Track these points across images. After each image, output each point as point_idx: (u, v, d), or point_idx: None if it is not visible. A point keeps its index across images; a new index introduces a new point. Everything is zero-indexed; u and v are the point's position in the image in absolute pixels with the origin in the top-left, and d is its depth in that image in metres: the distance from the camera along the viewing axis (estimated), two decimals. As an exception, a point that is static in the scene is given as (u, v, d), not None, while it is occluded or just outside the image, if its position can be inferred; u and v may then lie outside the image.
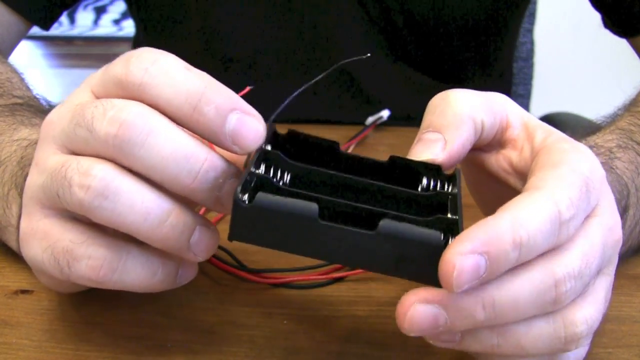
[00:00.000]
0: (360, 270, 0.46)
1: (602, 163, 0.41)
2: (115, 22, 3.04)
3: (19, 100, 0.51)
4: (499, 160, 0.39)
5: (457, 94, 0.37)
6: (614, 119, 0.52)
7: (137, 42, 0.87)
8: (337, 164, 0.37)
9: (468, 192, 0.42)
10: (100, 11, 3.12)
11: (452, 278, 0.30)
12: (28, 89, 0.56)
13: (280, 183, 0.35)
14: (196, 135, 0.34)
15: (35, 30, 0.73)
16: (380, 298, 0.44)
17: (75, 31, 3.01)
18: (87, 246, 0.34)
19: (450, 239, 0.32)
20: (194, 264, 0.37)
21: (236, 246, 0.47)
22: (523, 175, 0.37)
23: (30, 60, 2.87)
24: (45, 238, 0.35)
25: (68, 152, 0.34)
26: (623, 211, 0.42)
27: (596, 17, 0.72)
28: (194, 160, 0.33)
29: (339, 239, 0.31)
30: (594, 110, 0.57)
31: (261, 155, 0.35)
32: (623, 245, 0.43)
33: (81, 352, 0.39)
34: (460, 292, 0.31)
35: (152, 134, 0.32)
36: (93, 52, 2.92)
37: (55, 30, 3.03)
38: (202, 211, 0.44)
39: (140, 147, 0.32)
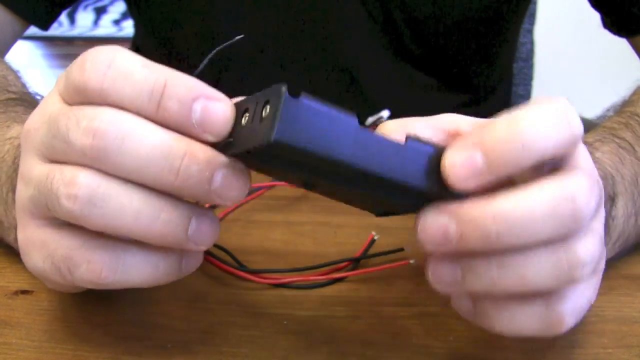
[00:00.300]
0: (361, 271, 0.46)
1: None
2: (115, 23, 3.04)
3: (13, 96, 0.51)
4: None
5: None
6: (601, 119, 0.52)
7: (136, 42, 0.87)
8: None
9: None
10: (100, 11, 3.12)
11: (449, 171, 0.31)
12: (23, 85, 0.56)
13: None
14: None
15: (35, 30, 0.73)
16: (381, 299, 0.44)
17: (76, 31, 3.02)
18: (85, 251, 0.34)
19: None
20: (198, 252, 0.37)
21: (236, 246, 0.47)
22: None
23: (30, 60, 2.87)
24: (43, 248, 0.35)
25: (50, 161, 0.34)
26: (611, 199, 0.42)
27: (596, 17, 0.72)
28: (172, 156, 0.32)
29: (373, 144, 0.32)
30: (593, 110, 0.57)
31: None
32: (619, 237, 0.43)
33: (81, 352, 0.39)
34: (466, 190, 0.31)
35: (126, 139, 0.32)
36: (93, 52, 2.92)
37: (55, 30, 3.03)
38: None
39: (117, 154, 0.32)
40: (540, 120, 0.31)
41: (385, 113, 0.68)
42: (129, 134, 0.32)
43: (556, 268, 0.33)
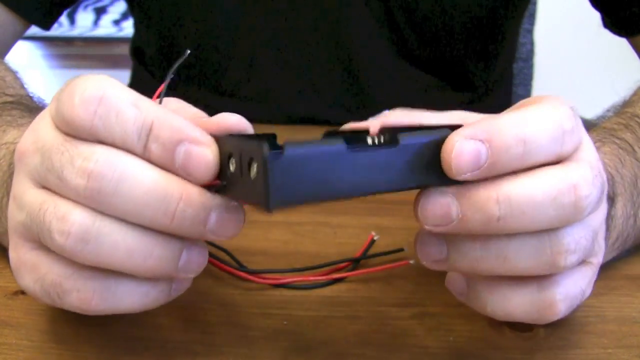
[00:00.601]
0: (361, 271, 0.46)
1: None
2: (115, 23, 3.04)
3: (10, 99, 0.51)
4: None
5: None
6: (601, 120, 0.52)
7: (136, 41, 0.87)
8: None
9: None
10: (100, 12, 3.12)
11: (452, 160, 0.31)
12: (22, 87, 0.56)
13: None
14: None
15: (35, 30, 0.73)
16: (381, 299, 0.44)
17: (75, 32, 3.02)
18: (75, 279, 0.34)
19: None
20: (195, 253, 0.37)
21: (236, 246, 0.47)
22: None
23: (30, 60, 2.87)
24: (33, 271, 0.35)
25: (43, 187, 0.34)
26: (611, 199, 0.42)
27: (596, 17, 0.72)
28: (167, 200, 0.32)
29: (369, 164, 0.31)
30: (593, 110, 0.57)
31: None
32: (618, 237, 0.43)
33: (81, 352, 0.39)
34: (467, 179, 0.31)
35: (121, 181, 0.32)
36: (93, 52, 2.92)
37: (55, 30, 3.03)
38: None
39: (112, 196, 0.32)
40: (545, 124, 0.32)
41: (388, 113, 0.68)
42: (124, 176, 0.32)
43: (539, 253, 0.33)
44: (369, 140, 0.33)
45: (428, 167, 0.32)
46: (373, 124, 0.38)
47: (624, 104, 0.54)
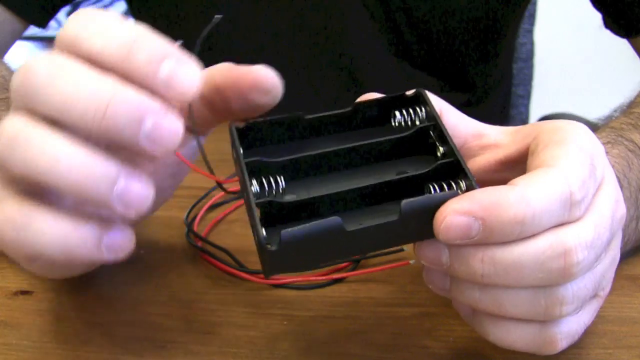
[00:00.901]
0: (361, 271, 0.46)
1: None
2: (115, 23, 3.04)
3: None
4: (483, 164, 0.39)
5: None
6: (608, 120, 0.52)
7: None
8: (304, 131, 0.37)
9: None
10: (100, 12, 3.11)
11: (440, 231, 0.31)
12: None
13: (280, 189, 0.34)
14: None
15: (35, 30, 0.73)
16: (380, 298, 0.44)
17: (75, 32, 3.01)
18: None
19: (462, 184, 0.33)
20: (124, 230, 0.34)
21: (236, 246, 0.47)
22: (514, 164, 0.37)
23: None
24: None
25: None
26: None
27: (596, 17, 0.72)
28: (99, 95, 0.30)
29: (367, 235, 0.32)
30: (593, 110, 0.57)
31: (248, 169, 0.34)
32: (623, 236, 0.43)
33: (81, 353, 0.39)
34: (456, 245, 0.31)
35: (53, 77, 0.31)
36: (93, 52, 2.92)
37: (55, 30, 3.03)
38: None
39: (43, 92, 0.31)
40: (550, 203, 0.31)
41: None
42: (57, 73, 0.31)
43: (533, 304, 0.33)
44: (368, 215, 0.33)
45: (426, 226, 0.32)
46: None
47: (630, 104, 0.54)
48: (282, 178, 0.35)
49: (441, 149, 0.35)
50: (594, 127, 0.50)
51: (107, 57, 0.31)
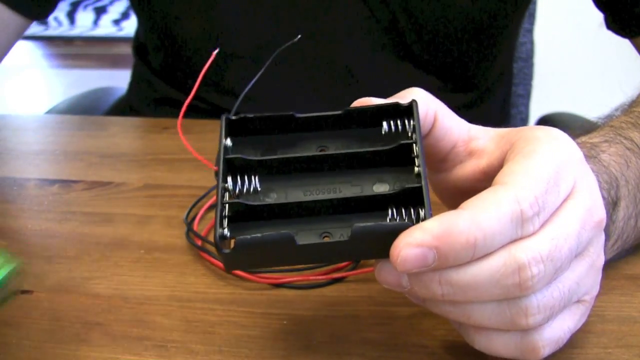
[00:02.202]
0: (361, 271, 0.46)
1: (589, 158, 0.42)
2: (115, 22, 3.04)
3: None
4: (468, 172, 0.39)
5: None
6: (609, 119, 0.52)
7: (139, 37, 0.87)
8: (296, 128, 0.38)
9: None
10: (100, 11, 3.12)
11: (397, 263, 0.32)
12: None
13: (252, 188, 0.36)
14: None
15: (35, 30, 0.73)
16: (380, 298, 0.44)
17: (75, 31, 3.02)
18: None
19: (420, 212, 0.34)
20: None
21: (236, 246, 0.47)
22: (496, 173, 0.37)
23: (30, 60, 2.87)
24: None
25: None
26: (613, 203, 0.42)
27: (596, 16, 0.72)
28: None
29: (318, 250, 0.34)
30: (594, 110, 0.57)
31: (226, 169, 0.36)
32: (618, 238, 0.43)
33: (81, 353, 0.39)
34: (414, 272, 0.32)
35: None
36: (93, 52, 2.92)
37: (55, 30, 3.03)
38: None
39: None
40: (500, 223, 0.32)
41: (418, 91, 0.68)
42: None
43: (500, 315, 0.34)
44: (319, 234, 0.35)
45: (378, 248, 0.33)
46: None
47: (631, 103, 0.54)
48: (257, 178, 0.36)
49: (416, 169, 0.35)
50: (593, 126, 0.49)
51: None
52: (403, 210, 0.35)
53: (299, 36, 0.40)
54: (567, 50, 1.82)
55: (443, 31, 0.73)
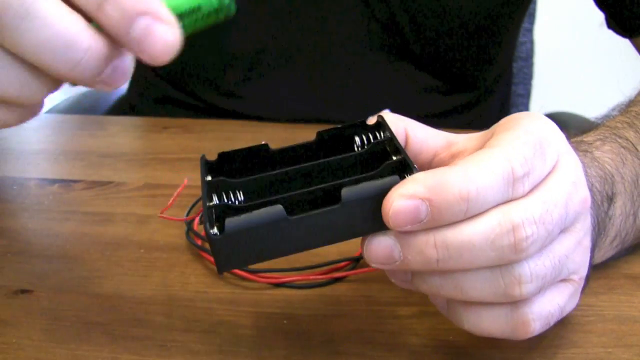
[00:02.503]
0: (360, 270, 0.46)
1: (581, 152, 0.42)
2: (115, 22, 3.04)
3: None
4: None
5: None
6: (606, 119, 0.52)
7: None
8: (274, 161, 0.38)
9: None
10: (100, 11, 3.11)
11: (389, 217, 0.31)
12: None
13: (237, 203, 0.36)
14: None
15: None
16: (380, 298, 0.44)
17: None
18: None
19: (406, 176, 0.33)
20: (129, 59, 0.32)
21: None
22: None
23: (30, 60, 2.86)
24: None
25: None
26: (608, 198, 0.42)
27: (596, 16, 0.72)
28: (75, 49, 0.29)
29: (312, 225, 0.33)
30: (594, 110, 0.57)
31: (209, 189, 0.35)
32: (617, 236, 0.43)
33: (81, 352, 0.39)
34: (407, 231, 0.32)
35: (27, 17, 0.28)
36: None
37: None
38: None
39: (14, 30, 0.28)
40: (490, 179, 0.32)
41: (386, 112, 0.68)
42: (32, 13, 0.28)
43: (493, 285, 0.33)
44: (309, 197, 0.34)
45: (371, 217, 0.33)
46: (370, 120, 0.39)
47: (629, 103, 0.54)
48: (241, 193, 0.36)
49: (394, 157, 0.35)
50: (592, 125, 0.50)
51: (80, 3, 0.29)
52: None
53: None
54: (567, 50, 1.82)
55: (442, 31, 0.73)
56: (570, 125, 0.82)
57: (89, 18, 0.30)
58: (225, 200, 0.36)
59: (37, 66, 0.30)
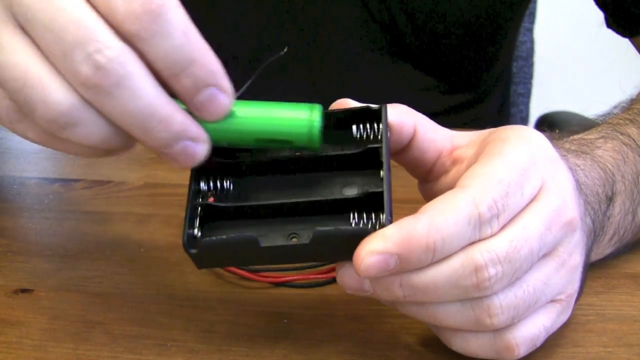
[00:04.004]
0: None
1: (579, 153, 0.42)
2: (115, 21, 3.04)
3: None
4: (452, 180, 0.39)
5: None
6: (607, 117, 0.52)
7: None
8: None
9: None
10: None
11: (360, 270, 0.32)
12: None
13: (224, 188, 0.38)
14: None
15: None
16: (381, 297, 0.44)
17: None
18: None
19: (381, 217, 0.34)
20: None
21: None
22: None
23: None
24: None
25: (25, 32, 0.32)
26: (608, 199, 0.42)
27: (596, 15, 0.72)
28: (152, 118, 0.32)
29: (282, 252, 0.35)
30: (594, 109, 0.57)
31: (196, 173, 0.37)
32: (615, 234, 0.43)
33: (81, 352, 0.39)
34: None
35: (122, 87, 0.31)
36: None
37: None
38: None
39: (107, 96, 0.31)
40: (457, 226, 0.32)
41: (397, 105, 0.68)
42: (127, 84, 0.31)
43: (464, 315, 0.34)
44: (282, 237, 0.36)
45: (339, 252, 0.34)
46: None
47: (630, 101, 0.54)
48: (230, 181, 0.38)
49: (381, 172, 0.36)
50: (592, 124, 0.50)
51: (159, 68, 0.32)
52: (365, 215, 0.36)
53: (286, 48, 0.40)
54: (567, 49, 1.82)
55: (442, 31, 0.73)
56: (570, 125, 0.82)
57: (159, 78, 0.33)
58: (212, 187, 0.37)
59: (119, 126, 0.33)
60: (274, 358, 0.39)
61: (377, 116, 0.38)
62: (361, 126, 0.39)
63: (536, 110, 1.05)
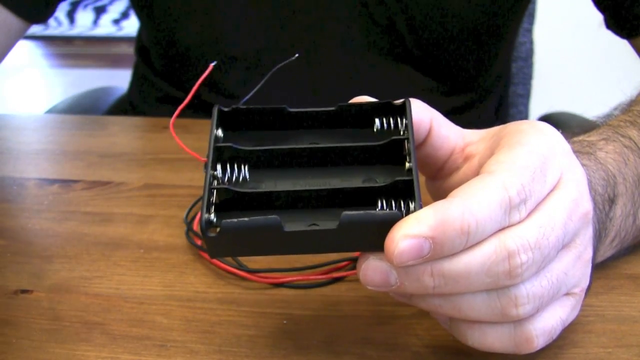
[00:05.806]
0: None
1: (583, 154, 0.42)
2: (115, 22, 3.04)
3: None
4: (463, 177, 0.39)
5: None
6: (608, 118, 0.52)
7: (142, 38, 0.87)
8: (290, 123, 0.38)
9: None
10: (99, 11, 3.12)
11: (394, 256, 0.31)
12: None
13: (241, 177, 0.36)
14: None
15: (35, 30, 0.73)
16: (380, 298, 0.44)
17: (75, 31, 3.02)
18: None
19: (410, 205, 0.33)
20: None
21: (236, 246, 0.47)
22: None
23: (30, 60, 2.87)
24: None
25: None
26: (610, 200, 0.42)
27: (596, 17, 0.72)
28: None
29: (306, 237, 0.33)
30: (594, 110, 0.57)
31: (215, 157, 0.35)
32: (616, 236, 0.43)
33: (81, 352, 0.39)
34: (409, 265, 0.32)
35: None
36: (93, 52, 2.92)
37: (55, 30, 3.04)
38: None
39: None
40: (489, 210, 0.32)
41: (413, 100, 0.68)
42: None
43: (490, 306, 0.34)
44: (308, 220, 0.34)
45: (367, 240, 0.33)
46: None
47: (630, 102, 0.54)
48: (246, 167, 0.36)
49: (407, 164, 0.35)
50: (592, 125, 0.50)
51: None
52: (393, 203, 0.34)
53: (297, 55, 0.40)
54: (567, 50, 1.82)
55: (441, 33, 0.73)
56: (571, 125, 0.82)
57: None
58: (228, 173, 0.35)
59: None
60: (273, 358, 0.39)
61: (398, 111, 0.37)
62: (383, 120, 0.38)
63: (536, 111, 1.05)
